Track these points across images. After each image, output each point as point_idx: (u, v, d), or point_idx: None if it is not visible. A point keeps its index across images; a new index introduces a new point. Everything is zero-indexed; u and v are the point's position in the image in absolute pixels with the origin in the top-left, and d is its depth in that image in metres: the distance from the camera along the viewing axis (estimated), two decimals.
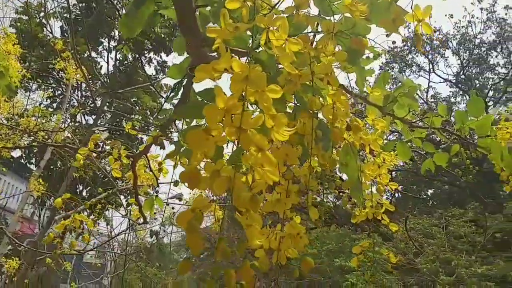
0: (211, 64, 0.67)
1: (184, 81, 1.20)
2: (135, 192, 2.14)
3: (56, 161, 8.72)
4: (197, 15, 1.04)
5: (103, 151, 2.16)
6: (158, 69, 12.29)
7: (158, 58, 12.04)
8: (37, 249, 4.05)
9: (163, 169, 2.19)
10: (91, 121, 10.96)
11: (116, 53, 11.25)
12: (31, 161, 11.28)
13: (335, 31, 0.95)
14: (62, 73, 6.20)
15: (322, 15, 1.01)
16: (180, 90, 1.21)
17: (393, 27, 1.00)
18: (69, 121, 8.27)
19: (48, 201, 7.39)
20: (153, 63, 12.15)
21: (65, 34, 9.76)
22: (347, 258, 6.90)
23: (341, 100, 0.93)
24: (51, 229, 4.88)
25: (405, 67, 15.73)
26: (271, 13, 0.79)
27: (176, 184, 1.92)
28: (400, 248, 7.26)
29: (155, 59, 12.05)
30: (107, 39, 11.46)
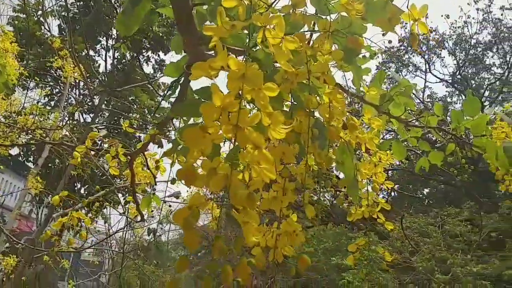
0: (208, 62, 0.67)
1: (181, 79, 1.20)
2: (133, 190, 2.14)
3: (54, 159, 8.72)
4: (194, 13, 1.04)
5: (101, 149, 2.16)
6: (156, 67, 12.27)
7: (156, 56, 12.03)
8: (35, 246, 4.04)
9: (160, 167, 2.19)
10: (89, 119, 10.98)
11: (114, 52, 11.24)
12: (29, 159, 11.27)
13: (331, 30, 0.95)
14: (60, 71, 6.18)
15: (318, 14, 1.01)
16: (177, 88, 1.21)
17: (389, 26, 1.01)
18: (67, 119, 8.28)
19: (46, 199, 7.39)
20: (151, 62, 12.14)
21: (63, 32, 9.73)
22: (343, 256, 6.90)
23: (338, 98, 0.93)
24: (48, 227, 4.87)
25: (401, 67, 15.72)
26: (268, 11, 0.80)
27: (173, 182, 1.92)
28: (396, 246, 7.26)
29: (153, 57, 12.04)
30: (105, 38, 11.45)
